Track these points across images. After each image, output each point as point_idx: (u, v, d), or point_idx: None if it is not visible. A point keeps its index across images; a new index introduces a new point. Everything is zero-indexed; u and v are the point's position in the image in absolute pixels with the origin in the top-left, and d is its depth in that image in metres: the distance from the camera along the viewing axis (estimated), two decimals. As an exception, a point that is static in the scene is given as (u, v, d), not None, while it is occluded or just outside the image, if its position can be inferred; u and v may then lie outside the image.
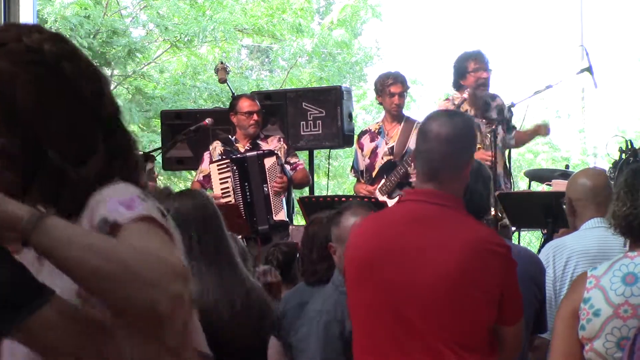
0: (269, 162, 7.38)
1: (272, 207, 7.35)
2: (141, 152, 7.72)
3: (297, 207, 8.04)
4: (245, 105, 7.62)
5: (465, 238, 3.06)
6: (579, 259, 4.43)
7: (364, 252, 3.14)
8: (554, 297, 4.41)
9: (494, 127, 7.06)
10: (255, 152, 7.47)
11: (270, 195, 7.34)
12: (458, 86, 7.36)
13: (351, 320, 3.22)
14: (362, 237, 3.19)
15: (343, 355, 3.59)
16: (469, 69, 7.26)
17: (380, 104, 7.77)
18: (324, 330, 3.70)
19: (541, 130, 7.66)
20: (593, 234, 4.47)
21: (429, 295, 3.02)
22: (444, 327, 3.02)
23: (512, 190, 7.56)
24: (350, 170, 8.02)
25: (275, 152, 7.50)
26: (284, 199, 7.51)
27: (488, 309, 3.05)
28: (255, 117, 7.59)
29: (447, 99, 7.75)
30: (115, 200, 1.81)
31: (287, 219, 7.56)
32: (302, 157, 8.64)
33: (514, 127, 7.53)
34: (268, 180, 7.36)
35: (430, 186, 3.15)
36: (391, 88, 7.53)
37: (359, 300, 3.15)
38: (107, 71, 20.56)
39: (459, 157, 3.20)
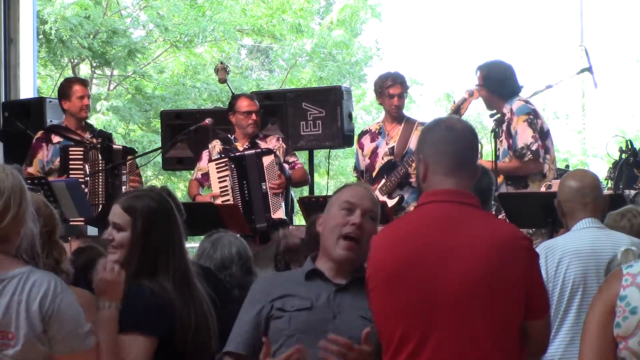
0: (267, 160, 7.37)
1: (271, 205, 7.34)
2: (120, 147, 7.80)
3: (297, 207, 8.04)
4: (243, 105, 7.61)
5: (490, 235, 3.08)
6: (571, 259, 4.44)
7: (392, 259, 3.12)
8: None
9: (493, 127, 7.02)
10: (253, 150, 7.46)
11: (269, 193, 7.34)
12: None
13: (378, 326, 3.19)
14: (388, 245, 3.17)
15: None
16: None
17: (381, 104, 7.78)
18: None
19: None
20: (585, 234, 4.49)
21: (461, 295, 3.02)
22: (479, 326, 3.03)
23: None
24: (353, 171, 8.02)
25: (274, 150, 7.50)
26: (282, 199, 7.49)
27: (518, 304, 3.06)
28: (253, 116, 7.58)
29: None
30: None
31: (286, 218, 7.54)
32: (302, 157, 8.63)
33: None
34: (266, 178, 7.35)
35: (451, 182, 3.15)
36: (390, 90, 7.52)
37: (389, 306, 3.13)
38: (107, 71, 20.57)
39: (478, 150, 3.28)
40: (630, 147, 6.97)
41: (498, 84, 7.10)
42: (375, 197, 3.68)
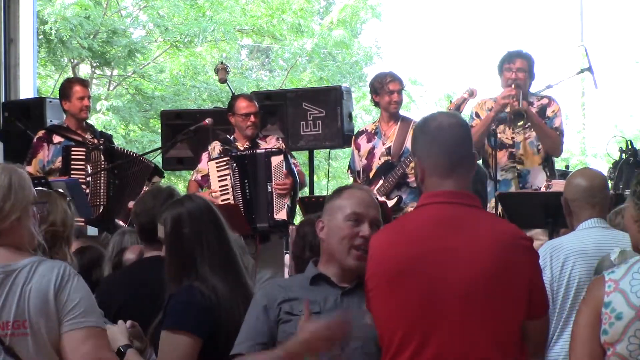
0: (275, 160, 7.34)
1: (274, 205, 7.31)
2: (152, 165, 7.78)
3: (296, 207, 8.03)
4: (242, 106, 7.59)
5: (493, 236, 3.08)
6: (576, 259, 4.43)
7: (393, 261, 3.12)
8: (552, 297, 4.41)
9: (493, 126, 7.04)
10: (263, 150, 7.44)
11: (274, 193, 7.31)
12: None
13: (379, 327, 3.19)
14: (389, 245, 3.17)
15: None
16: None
17: (377, 104, 7.73)
18: None
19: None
20: (590, 234, 4.47)
21: (464, 297, 3.03)
22: (481, 327, 3.03)
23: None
24: (348, 170, 8.00)
25: (284, 150, 7.46)
26: (288, 199, 7.44)
27: (519, 304, 3.08)
28: (252, 118, 7.55)
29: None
30: None
31: (288, 219, 7.50)
32: (302, 157, 8.62)
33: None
34: (273, 178, 7.32)
35: (449, 183, 3.15)
36: (390, 85, 7.52)
37: (390, 307, 3.13)
38: (107, 71, 20.58)
39: (471, 143, 3.26)
40: (630, 147, 6.98)
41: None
42: (376, 202, 3.66)
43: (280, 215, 7.30)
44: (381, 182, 7.43)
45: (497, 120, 7.07)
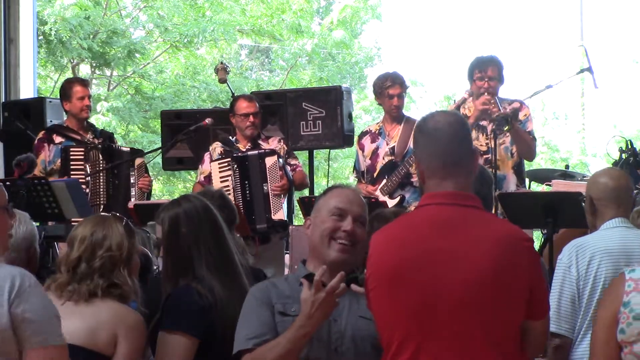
0: (269, 161, 7.35)
1: (271, 206, 7.32)
2: (128, 149, 7.77)
3: (297, 208, 8.04)
4: (242, 107, 7.60)
5: (494, 237, 3.07)
6: (602, 258, 4.41)
7: (393, 259, 3.11)
8: (578, 296, 4.40)
9: (493, 127, 7.05)
10: (256, 151, 7.44)
11: (270, 194, 7.32)
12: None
13: (379, 327, 3.19)
14: (388, 245, 3.16)
15: None
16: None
17: (380, 104, 7.77)
18: None
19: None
20: (615, 233, 4.46)
21: (463, 297, 3.02)
22: (480, 328, 3.03)
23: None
24: (352, 171, 8.00)
25: (277, 151, 7.48)
26: (284, 199, 7.48)
27: (520, 306, 3.07)
28: (251, 119, 7.55)
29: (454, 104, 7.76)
30: None
31: (287, 219, 7.53)
32: (302, 157, 8.61)
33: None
34: (268, 179, 7.33)
35: (448, 184, 3.14)
36: (389, 90, 7.51)
37: (390, 307, 3.12)
38: (106, 71, 20.57)
39: (471, 142, 3.26)
40: (630, 147, 6.97)
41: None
42: (362, 200, 3.67)
43: (278, 215, 7.32)
44: (385, 181, 7.45)
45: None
